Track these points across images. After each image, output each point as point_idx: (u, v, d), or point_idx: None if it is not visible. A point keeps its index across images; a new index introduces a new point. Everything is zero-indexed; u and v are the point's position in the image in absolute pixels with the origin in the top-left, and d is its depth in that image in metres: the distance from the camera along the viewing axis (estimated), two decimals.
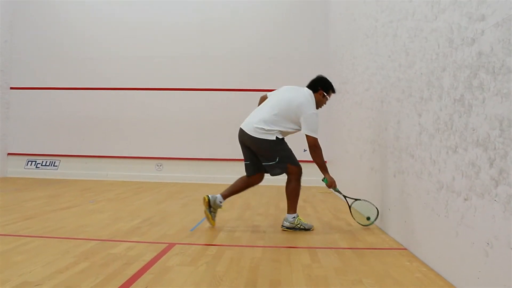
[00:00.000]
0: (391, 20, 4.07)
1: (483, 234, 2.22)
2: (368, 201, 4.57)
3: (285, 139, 4.42)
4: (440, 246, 2.84)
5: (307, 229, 4.33)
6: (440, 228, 2.82)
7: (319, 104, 4.53)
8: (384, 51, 4.33)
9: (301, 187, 4.40)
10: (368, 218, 4.55)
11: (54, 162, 10.09)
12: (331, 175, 4.51)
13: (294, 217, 4.33)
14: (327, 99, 4.58)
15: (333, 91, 4.63)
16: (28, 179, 9.38)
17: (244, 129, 4.38)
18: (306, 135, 4.29)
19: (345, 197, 4.68)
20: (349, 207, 4.69)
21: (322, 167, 4.43)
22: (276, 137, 4.28)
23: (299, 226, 4.31)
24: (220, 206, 4.45)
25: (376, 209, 4.46)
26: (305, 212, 5.47)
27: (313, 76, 4.66)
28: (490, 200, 2.15)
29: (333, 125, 8.14)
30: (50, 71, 10.12)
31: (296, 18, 9.83)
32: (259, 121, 4.30)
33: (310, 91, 4.47)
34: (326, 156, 8.89)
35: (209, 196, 4.40)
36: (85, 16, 10.17)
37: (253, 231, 4.26)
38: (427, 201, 3.07)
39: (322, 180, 4.50)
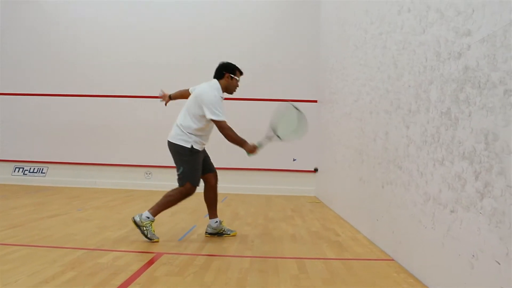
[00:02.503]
0: (381, 32, 4.12)
1: (469, 246, 2.25)
2: (292, 104, 4.38)
3: (199, 154, 4.32)
4: (427, 257, 2.86)
5: (149, 238, 4.09)
6: (427, 240, 2.84)
7: (230, 88, 4.50)
8: (374, 63, 4.37)
9: (290, 196, 4.41)
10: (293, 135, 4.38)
11: (42, 169, 10.00)
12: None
13: (148, 217, 4.13)
14: (237, 80, 4.53)
15: (240, 72, 4.58)
16: (15, 186, 9.28)
17: (168, 139, 4.37)
18: (213, 120, 4.19)
19: (272, 130, 4.36)
20: (278, 137, 4.36)
21: (240, 142, 4.25)
22: (192, 146, 4.22)
23: (145, 230, 4.08)
24: (220, 224, 4.49)
25: (297, 109, 4.29)
26: (293, 222, 5.48)
27: (304, 84, 4.67)
28: (476, 213, 2.18)
29: (322, 134, 8.17)
30: (39, 77, 10.06)
31: (287, 27, 9.88)
32: (177, 126, 4.31)
33: (214, 80, 4.48)
34: (315, 164, 8.96)
35: (207, 231, 4.47)
36: (76, 22, 10.14)
37: (241, 241, 4.25)
38: (414, 212, 3.10)
39: (248, 155, 4.29)
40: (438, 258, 2.65)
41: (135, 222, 4.10)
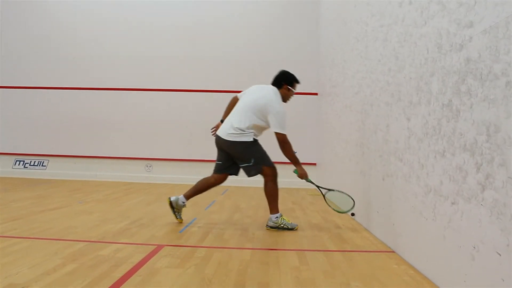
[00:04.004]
0: (381, 24, 4.10)
1: (470, 238, 2.25)
2: (344, 192, 4.62)
3: (259, 141, 4.58)
4: (427, 249, 2.86)
5: (290, 229, 4.45)
6: (428, 232, 2.84)
7: (285, 98, 4.68)
8: (374, 55, 4.36)
9: (290, 189, 4.47)
10: (342, 211, 4.64)
11: (43, 162, 10.01)
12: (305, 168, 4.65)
13: (277, 216, 4.48)
14: (292, 91, 4.71)
15: (297, 82, 4.75)
16: (16, 179, 9.30)
17: (219, 135, 4.57)
18: (275, 132, 4.43)
19: (318, 187, 4.76)
20: (323, 196, 4.76)
21: (294, 160, 4.56)
22: (253, 138, 4.47)
23: (282, 225, 4.45)
24: (183, 206, 4.67)
25: (352, 200, 4.51)
26: (294, 215, 5.49)
27: (304, 79, 4.72)
28: (477, 205, 2.18)
29: (322, 128, 8.17)
30: (39, 70, 10.06)
31: (287, 21, 9.85)
32: (232, 126, 4.48)
33: (275, 88, 4.63)
34: (315, 158, 8.96)
35: (171, 198, 4.64)
36: (76, 15, 10.12)
37: (242, 234, 4.26)
38: (415, 204, 3.10)
39: (294, 172, 4.61)
40: (439, 250, 2.65)
41: (272, 227, 4.46)
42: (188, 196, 4.67)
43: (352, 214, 4.57)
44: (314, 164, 9.19)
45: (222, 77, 9.70)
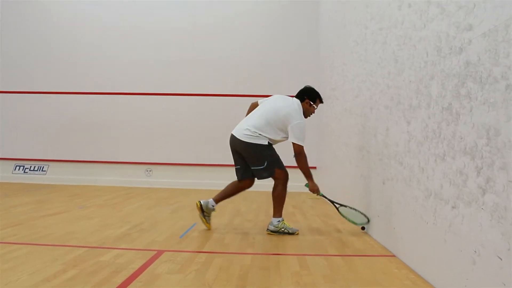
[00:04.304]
0: (381, 27, 4.10)
1: (471, 242, 2.24)
2: (357, 210, 4.63)
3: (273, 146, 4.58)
4: (428, 253, 2.85)
5: (291, 233, 4.44)
6: (429, 236, 2.84)
7: (307, 113, 4.70)
8: (374, 58, 4.36)
9: (291, 193, 4.50)
10: (356, 223, 4.64)
11: (43, 167, 10.00)
12: (315, 181, 4.66)
13: (279, 220, 4.47)
14: (314, 108, 4.73)
15: (321, 101, 4.78)
16: (15, 184, 9.29)
17: (235, 135, 4.54)
18: (293, 143, 4.45)
19: (332, 202, 4.76)
20: (337, 209, 4.78)
21: (307, 173, 4.58)
22: (268, 142, 4.47)
23: (283, 230, 4.45)
24: (213, 210, 4.62)
25: (366, 218, 4.51)
26: (294, 219, 5.48)
27: (304, 82, 4.76)
28: (477, 208, 2.17)
29: (322, 130, 8.17)
30: (39, 74, 10.05)
31: (287, 24, 9.85)
32: (249, 127, 4.47)
33: (298, 101, 4.64)
34: (315, 161, 8.96)
35: (201, 201, 4.55)
36: (75, 19, 10.11)
37: (242, 238, 4.25)
38: (415, 208, 3.09)
39: (305, 186, 4.64)
40: (440, 254, 2.64)
41: (272, 231, 4.46)
42: (218, 200, 4.66)
43: (363, 228, 4.57)
44: (314, 167, 9.17)
45: (221, 80, 9.71)
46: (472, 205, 2.23)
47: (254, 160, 4.51)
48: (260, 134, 4.43)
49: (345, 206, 4.74)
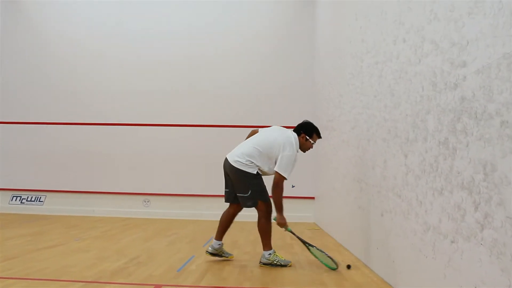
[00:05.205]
0: (376, 61, 4.16)
1: (471, 278, 2.23)
2: (326, 253, 4.42)
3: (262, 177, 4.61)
4: (428, 287, 2.83)
5: (283, 265, 4.43)
6: (428, 270, 2.82)
7: (303, 148, 4.73)
8: (370, 91, 4.41)
9: (289, 223, 4.51)
10: (328, 266, 4.39)
11: (40, 197, 9.94)
12: (284, 215, 4.59)
13: (270, 253, 4.48)
14: (311, 143, 4.75)
15: (318, 136, 4.81)
16: (12, 215, 9.21)
17: (228, 159, 4.60)
18: (276, 171, 4.48)
19: (299, 239, 4.70)
20: (308, 249, 4.66)
21: (278, 206, 4.53)
22: (257, 172, 4.51)
23: (275, 262, 4.44)
24: (221, 247, 4.72)
25: (335, 264, 4.27)
26: (293, 250, 5.43)
27: (300, 113, 4.79)
28: (476, 244, 2.17)
29: (320, 162, 8.18)
30: (36, 105, 10.08)
31: (283, 55, 9.95)
32: (241, 154, 4.52)
33: (295, 134, 4.67)
34: (313, 192, 8.94)
35: (208, 249, 4.71)
36: (74, 49, 10.18)
37: (240, 271, 4.21)
38: (414, 241, 3.08)
39: (273, 219, 4.58)
40: None
41: (265, 264, 4.46)
42: (219, 237, 4.73)
43: (348, 267, 4.34)
44: (313, 198, 9.17)
45: (218, 111, 9.75)
46: (471, 240, 2.23)
47: (240, 187, 4.53)
48: (251, 162, 4.46)
49: (314, 246, 4.59)
